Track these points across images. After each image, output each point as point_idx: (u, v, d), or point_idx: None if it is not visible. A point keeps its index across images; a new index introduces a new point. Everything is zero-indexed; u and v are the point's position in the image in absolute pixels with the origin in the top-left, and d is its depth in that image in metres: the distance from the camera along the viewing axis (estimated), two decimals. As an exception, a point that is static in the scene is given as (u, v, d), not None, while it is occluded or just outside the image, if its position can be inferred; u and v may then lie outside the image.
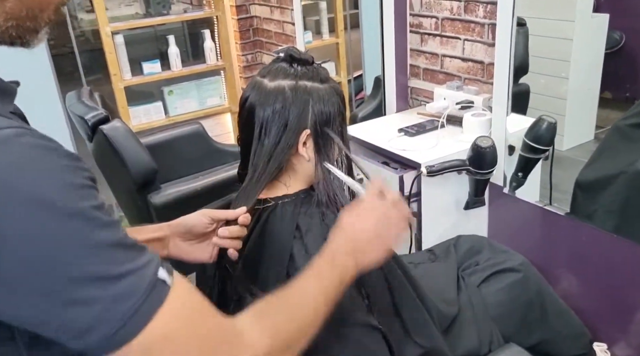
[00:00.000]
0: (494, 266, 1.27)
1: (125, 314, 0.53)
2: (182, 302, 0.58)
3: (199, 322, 0.59)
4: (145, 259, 0.56)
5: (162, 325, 0.55)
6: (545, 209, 1.73)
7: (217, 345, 0.60)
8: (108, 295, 0.52)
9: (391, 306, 0.93)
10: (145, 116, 3.03)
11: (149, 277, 0.55)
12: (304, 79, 0.93)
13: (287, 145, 0.92)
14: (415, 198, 1.73)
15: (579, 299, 1.57)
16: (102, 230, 0.53)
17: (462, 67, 1.99)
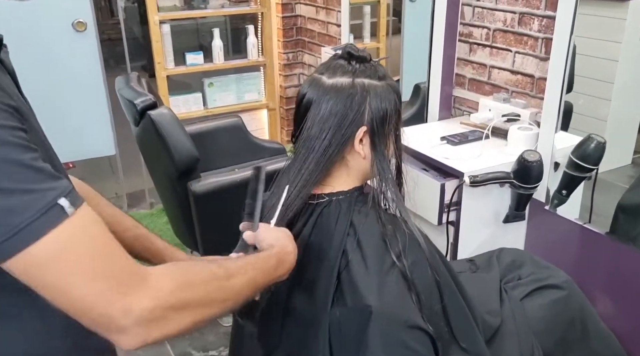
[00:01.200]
0: (537, 281, 1.26)
1: (13, 227, 0.57)
2: (75, 232, 0.60)
3: (92, 249, 0.62)
4: (49, 185, 0.59)
5: (47, 247, 0.58)
6: (585, 227, 1.71)
7: (112, 272, 0.62)
8: (4, 204, 0.56)
9: (440, 310, 0.92)
10: (184, 106, 3.07)
11: (46, 200, 0.58)
12: (362, 76, 0.94)
13: (343, 140, 0.93)
14: (455, 207, 1.71)
15: (616, 322, 1.54)
16: (6, 147, 0.57)
17: (510, 80, 1.97)
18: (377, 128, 0.94)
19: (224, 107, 3.18)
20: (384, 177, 0.95)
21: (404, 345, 0.87)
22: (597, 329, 1.27)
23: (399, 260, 0.89)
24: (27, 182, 0.58)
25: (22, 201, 0.57)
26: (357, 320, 0.87)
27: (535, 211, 1.79)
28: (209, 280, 0.72)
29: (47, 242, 0.58)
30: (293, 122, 1.01)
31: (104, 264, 0.62)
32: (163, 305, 0.65)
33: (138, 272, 0.65)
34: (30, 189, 0.58)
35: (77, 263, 0.61)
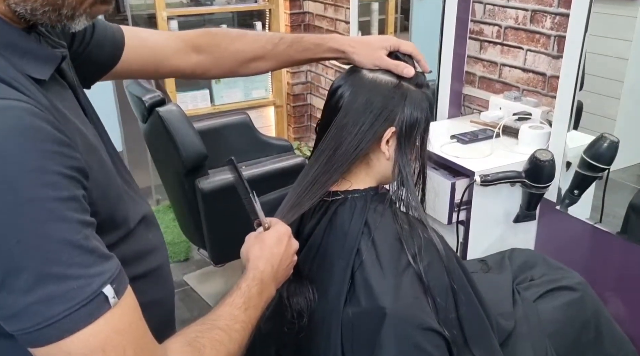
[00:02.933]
0: (550, 282, 1.24)
1: (51, 317, 0.52)
2: (114, 327, 0.56)
3: (128, 349, 0.57)
4: (96, 270, 0.54)
5: (82, 342, 0.53)
6: (596, 227, 1.69)
7: None
8: (43, 292, 0.51)
9: (455, 319, 0.91)
10: (191, 102, 3.06)
11: (90, 289, 0.54)
12: (404, 79, 0.94)
13: (374, 137, 0.92)
14: (465, 206, 1.70)
15: (628, 323, 1.52)
16: (57, 223, 0.52)
17: (521, 78, 1.95)
18: (405, 132, 0.93)
19: (231, 104, 3.17)
20: (405, 181, 0.94)
21: (419, 348, 0.86)
22: (611, 332, 1.25)
23: (414, 261, 0.87)
24: (75, 267, 0.53)
25: (66, 288, 0.52)
26: (370, 321, 0.86)
27: (546, 211, 1.78)
28: (220, 351, 0.69)
29: (84, 336, 0.54)
30: (323, 111, 1.00)
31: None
32: None
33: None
34: (77, 275, 0.53)
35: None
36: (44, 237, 0.52)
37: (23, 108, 0.54)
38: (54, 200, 0.53)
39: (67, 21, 0.62)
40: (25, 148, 0.52)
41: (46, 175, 0.52)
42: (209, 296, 2.39)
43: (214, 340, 0.69)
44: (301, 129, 3.50)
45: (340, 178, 0.95)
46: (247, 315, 0.75)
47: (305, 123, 3.50)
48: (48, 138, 0.54)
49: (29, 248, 0.51)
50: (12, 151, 0.51)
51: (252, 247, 0.84)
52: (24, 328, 0.53)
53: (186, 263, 2.59)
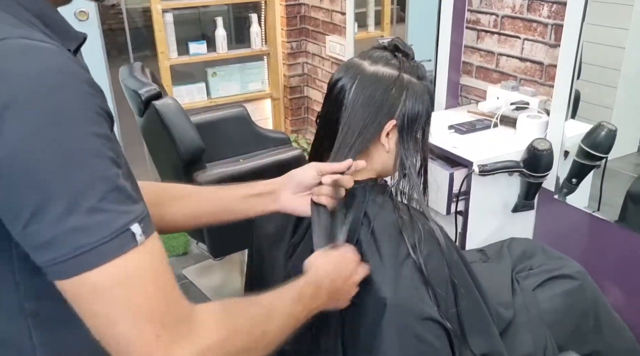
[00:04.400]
0: (549, 271, 1.25)
1: (77, 248, 0.53)
2: (140, 264, 0.57)
3: (151, 287, 0.57)
4: (125, 208, 0.56)
5: (108, 275, 0.55)
6: (594, 216, 1.69)
7: (163, 317, 0.58)
8: (73, 223, 0.53)
9: (454, 314, 0.91)
10: (188, 96, 3.04)
11: (118, 224, 0.55)
12: (405, 71, 0.93)
13: (376, 130, 0.91)
14: (463, 196, 1.70)
15: (627, 311, 1.53)
16: (93, 157, 0.54)
17: (519, 67, 1.95)
18: (406, 125, 0.93)
19: (228, 97, 3.15)
20: (408, 173, 0.94)
21: (419, 338, 0.86)
22: (610, 320, 1.25)
23: (413, 252, 0.87)
24: (106, 201, 0.54)
25: (94, 221, 0.53)
26: (371, 312, 0.86)
27: (544, 200, 1.78)
28: (254, 325, 0.69)
29: (110, 269, 0.55)
30: (323, 102, 1.00)
31: (157, 306, 0.58)
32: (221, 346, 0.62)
33: (186, 318, 0.61)
34: (106, 209, 0.54)
35: (133, 298, 0.57)
36: (81, 168, 0.53)
37: (58, 51, 0.55)
38: (92, 135, 0.54)
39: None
40: (65, 84, 0.53)
41: (86, 111, 0.54)
42: (208, 289, 2.39)
43: (252, 313, 0.69)
44: (298, 122, 3.49)
45: None
46: (294, 308, 0.75)
47: (303, 116, 3.49)
48: (83, 79, 0.56)
49: (65, 178, 0.52)
50: (52, 85, 0.53)
51: (318, 257, 0.86)
52: (53, 257, 0.53)
53: (185, 257, 2.59)
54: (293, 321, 0.75)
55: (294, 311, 0.75)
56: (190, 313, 0.61)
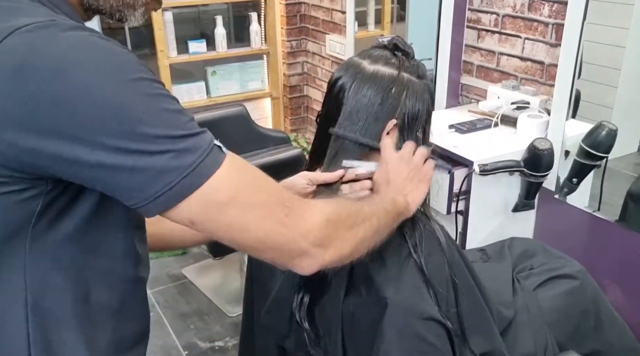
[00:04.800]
0: (550, 271, 1.24)
1: (187, 167, 0.58)
2: (238, 167, 0.63)
3: (259, 186, 0.65)
4: (202, 130, 0.62)
5: (223, 183, 0.60)
6: (594, 215, 1.69)
7: (282, 199, 0.65)
8: (175, 148, 0.58)
9: (455, 314, 0.91)
10: (187, 95, 3.04)
11: (208, 140, 0.61)
12: (405, 70, 0.92)
13: (377, 131, 0.91)
14: (464, 196, 1.70)
15: (627, 311, 1.53)
16: (166, 98, 0.61)
17: (519, 67, 1.94)
18: (407, 124, 0.92)
19: (228, 96, 3.15)
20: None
21: (420, 337, 0.85)
22: (610, 320, 1.25)
23: (414, 251, 0.87)
24: (188, 127, 0.60)
25: (189, 143, 0.59)
26: (371, 312, 0.86)
27: (544, 200, 1.77)
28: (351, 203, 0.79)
29: (221, 178, 0.60)
30: (323, 102, 0.99)
31: (271, 193, 0.65)
32: (333, 219, 0.69)
33: (297, 197, 0.69)
34: (193, 133, 0.60)
35: (255, 196, 0.63)
36: (160, 107, 0.59)
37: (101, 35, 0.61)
38: (160, 85, 0.61)
39: (127, 11, 0.69)
40: (119, 52, 0.60)
41: (148, 69, 0.61)
42: (208, 289, 2.38)
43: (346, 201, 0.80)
44: (298, 121, 3.49)
45: None
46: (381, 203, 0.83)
47: (302, 115, 3.49)
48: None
49: (154, 116, 0.58)
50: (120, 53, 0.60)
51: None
52: (169, 182, 0.58)
53: (184, 257, 2.59)
54: (384, 211, 0.81)
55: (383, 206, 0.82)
56: (299, 202, 0.69)
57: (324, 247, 0.67)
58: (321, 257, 0.67)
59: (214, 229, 0.62)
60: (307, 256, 0.66)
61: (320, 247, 0.67)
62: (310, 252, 0.66)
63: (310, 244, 0.66)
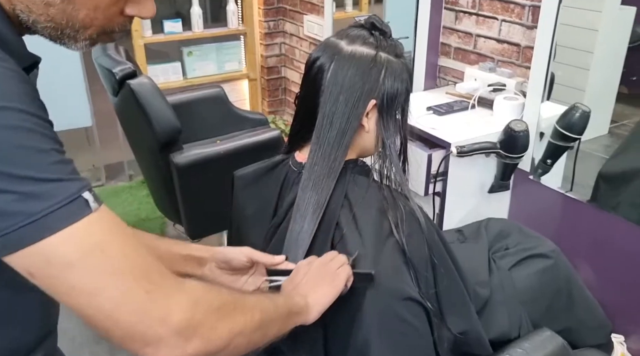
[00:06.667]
0: (525, 251, 1.27)
1: (30, 215, 0.51)
2: (105, 228, 0.56)
3: (126, 249, 0.57)
4: (74, 177, 0.55)
5: (72, 242, 0.53)
6: (567, 196, 1.73)
7: (147, 273, 0.57)
8: (22, 191, 0.51)
9: (434, 295, 0.92)
10: (163, 76, 2.99)
11: (71, 191, 0.54)
12: (382, 49, 0.92)
13: (357, 113, 0.91)
14: (441, 177, 1.71)
15: (598, 288, 1.57)
16: (36, 135, 0.54)
17: (496, 49, 1.95)
18: (386, 104, 0.93)
19: (204, 77, 3.10)
20: (388, 153, 0.94)
21: (399, 317, 0.87)
22: (582, 298, 1.29)
23: (396, 231, 0.88)
24: (53, 171, 0.53)
25: (45, 188, 0.52)
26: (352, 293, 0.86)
27: (519, 180, 1.81)
28: (232, 293, 0.70)
29: (73, 237, 0.53)
30: (301, 83, 0.98)
31: (138, 263, 0.57)
32: (204, 305, 0.60)
33: (168, 273, 0.59)
34: (56, 178, 0.53)
35: (108, 261, 0.55)
36: (16, 143, 0.53)
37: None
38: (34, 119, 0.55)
39: (67, 41, 0.63)
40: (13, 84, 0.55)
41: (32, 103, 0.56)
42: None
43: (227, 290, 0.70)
44: (276, 103, 3.46)
45: None
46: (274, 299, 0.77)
47: (280, 97, 3.46)
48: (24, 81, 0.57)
49: (1, 151, 0.51)
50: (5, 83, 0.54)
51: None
52: (4, 227, 0.52)
53: (162, 239, 2.56)
54: (272, 306, 0.74)
55: (272, 300, 0.76)
56: (172, 273, 0.61)
57: (186, 337, 0.58)
58: (182, 347, 0.57)
59: (54, 289, 0.55)
60: (164, 345, 0.56)
61: (181, 335, 0.57)
62: (169, 341, 0.56)
63: (170, 331, 0.56)
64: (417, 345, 0.88)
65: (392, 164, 0.94)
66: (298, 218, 0.92)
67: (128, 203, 2.75)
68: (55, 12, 0.60)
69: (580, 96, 1.94)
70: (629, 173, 1.70)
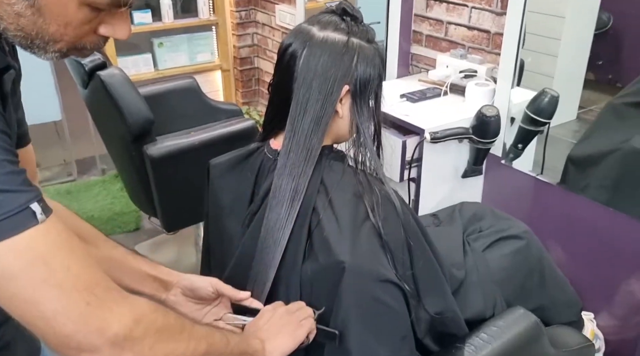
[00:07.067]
0: (498, 232, 1.30)
1: None
2: (51, 239, 0.56)
3: (70, 261, 0.57)
4: (23, 188, 0.56)
5: (15, 252, 0.54)
6: (538, 179, 1.77)
7: (90, 285, 0.58)
8: None
9: (410, 276, 0.94)
10: (133, 67, 2.94)
11: (17, 202, 0.55)
12: (354, 35, 0.92)
13: (331, 99, 0.91)
14: (416, 163, 1.73)
15: (568, 268, 1.62)
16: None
17: (467, 36, 1.98)
18: (359, 89, 0.93)
19: (176, 68, 3.07)
20: (363, 138, 0.95)
21: (377, 300, 0.88)
22: (553, 277, 1.33)
23: (372, 215, 0.89)
24: (2, 183, 0.54)
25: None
26: (329, 276, 0.88)
27: (492, 165, 1.84)
28: (178, 318, 0.70)
29: (16, 248, 0.54)
30: (274, 70, 0.98)
31: (82, 275, 0.57)
32: (145, 323, 0.61)
33: (115, 288, 0.61)
34: (4, 189, 0.54)
35: (51, 273, 0.55)
36: None
37: None
38: None
39: (37, 51, 0.62)
40: None
41: None
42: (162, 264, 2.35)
43: (176, 315, 0.70)
44: (249, 93, 3.44)
45: None
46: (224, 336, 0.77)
47: (254, 88, 3.44)
48: None
49: None
50: None
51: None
52: None
53: (137, 233, 2.54)
54: (224, 341, 0.75)
55: (226, 336, 0.77)
56: (120, 288, 0.61)
57: (121, 350, 0.59)
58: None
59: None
60: (98, 355, 0.58)
61: (116, 348, 0.58)
62: (103, 351, 0.58)
63: (106, 342, 0.58)
64: (395, 325, 0.90)
65: (366, 149, 0.95)
66: (274, 205, 0.92)
67: (101, 198, 2.71)
68: (26, 23, 0.59)
69: (549, 82, 1.97)
70: (596, 156, 1.74)
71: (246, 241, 0.99)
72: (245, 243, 0.99)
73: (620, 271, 1.57)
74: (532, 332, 1.07)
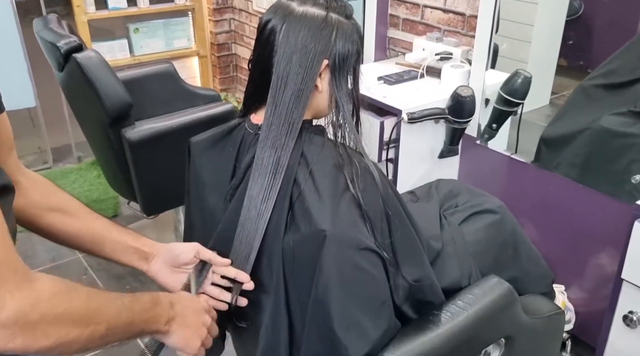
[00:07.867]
0: (473, 207, 1.33)
1: None
2: None
3: None
4: None
5: None
6: (512, 158, 1.82)
7: None
8: None
9: (389, 245, 0.96)
10: (109, 53, 2.90)
11: None
12: (333, 10, 0.94)
13: (311, 73, 0.92)
14: (394, 144, 1.77)
15: (541, 242, 1.67)
16: None
17: (442, 19, 2.01)
18: (338, 64, 0.95)
19: (152, 54, 3.04)
20: (342, 112, 0.97)
21: (358, 267, 0.90)
22: (527, 250, 1.37)
23: (352, 186, 0.91)
24: None
25: None
26: (311, 245, 0.90)
27: (467, 145, 1.88)
28: (91, 296, 0.69)
29: None
30: (254, 46, 0.99)
31: None
32: (42, 312, 0.61)
33: (23, 271, 0.61)
34: None
35: None
36: None
37: None
38: None
39: None
40: None
41: None
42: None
43: (90, 289, 0.70)
44: (227, 80, 3.43)
45: None
46: (136, 302, 0.77)
47: (231, 74, 3.43)
48: None
49: None
50: None
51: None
52: None
53: (116, 219, 2.50)
54: (130, 314, 0.75)
55: (134, 304, 0.76)
56: (28, 271, 0.62)
57: (12, 333, 0.59)
58: (3, 341, 0.59)
59: None
60: None
61: (7, 330, 0.59)
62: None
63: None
64: (374, 292, 0.92)
65: (345, 122, 0.97)
66: (257, 176, 0.94)
67: (78, 185, 2.68)
68: None
69: (523, 67, 2.02)
70: (568, 136, 1.80)
71: (229, 214, 1.00)
72: (229, 217, 1.01)
73: (590, 246, 1.63)
74: (505, 299, 1.11)
